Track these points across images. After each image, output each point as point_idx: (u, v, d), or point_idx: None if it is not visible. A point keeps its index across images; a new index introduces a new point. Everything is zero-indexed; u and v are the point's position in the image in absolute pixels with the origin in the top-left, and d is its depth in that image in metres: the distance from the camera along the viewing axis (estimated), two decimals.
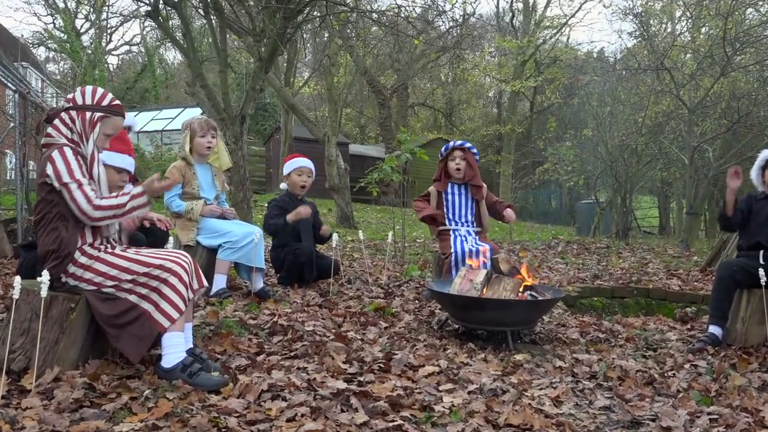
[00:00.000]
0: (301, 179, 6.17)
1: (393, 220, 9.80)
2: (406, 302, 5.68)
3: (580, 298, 6.83)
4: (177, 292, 3.32)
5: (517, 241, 13.38)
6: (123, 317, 3.26)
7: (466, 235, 5.88)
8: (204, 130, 5.51)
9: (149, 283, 3.30)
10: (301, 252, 5.88)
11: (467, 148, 6.09)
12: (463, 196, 6.12)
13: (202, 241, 5.44)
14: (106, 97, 3.41)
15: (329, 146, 14.47)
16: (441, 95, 35.08)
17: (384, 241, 11.25)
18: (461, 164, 6.05)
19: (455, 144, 6.12)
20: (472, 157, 6.11)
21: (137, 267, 3.30)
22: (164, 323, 3.28)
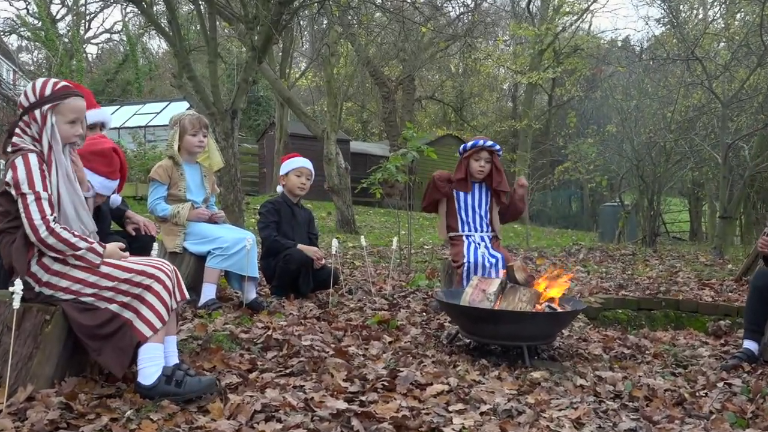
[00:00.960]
0: (300, 181, 6.19)
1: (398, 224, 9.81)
2: (412, 314, 5.68)
3: (603, 310, 6.82)
4: (160, 300, 3.34)
5: (534, 247, 13.38)
6: (104, 328, 3.27)
7: (479, 242, 5.89)
8: (195, 128, 5.53)
9: (131, 290, 3.31)
10: (291, 258, 5.88)
11: (495, 150, 6.10)
12: (479, 198, 6.12)
13: (189, 247, 5.45)
14: (47, 85, 3.35)
15: (328, 143, 14.49)
16: (451, 88, 35.14)
17: (388, 247, 11.26)
18: (486, 167, 6.06)
19: (484, 143, 6.09)
20: (499, 161, 6.14)
21: (118, 273, 3.32)
22: (146, 332, 3.29)
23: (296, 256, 5.88)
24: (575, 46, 28.08)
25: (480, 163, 6.04)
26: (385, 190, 9.94)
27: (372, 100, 33.59)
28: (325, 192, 15.38)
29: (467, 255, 5.68)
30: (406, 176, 8.69)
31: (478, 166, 6.04)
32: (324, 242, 11.89)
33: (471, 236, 5.97)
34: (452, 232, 6.05)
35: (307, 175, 6.23)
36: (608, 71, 24.74)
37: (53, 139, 3.31)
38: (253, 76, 10.21)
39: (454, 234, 6.03)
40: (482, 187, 6.16)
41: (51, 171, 3.28)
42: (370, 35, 20.26)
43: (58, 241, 3.22)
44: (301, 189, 6.21)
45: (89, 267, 3.31)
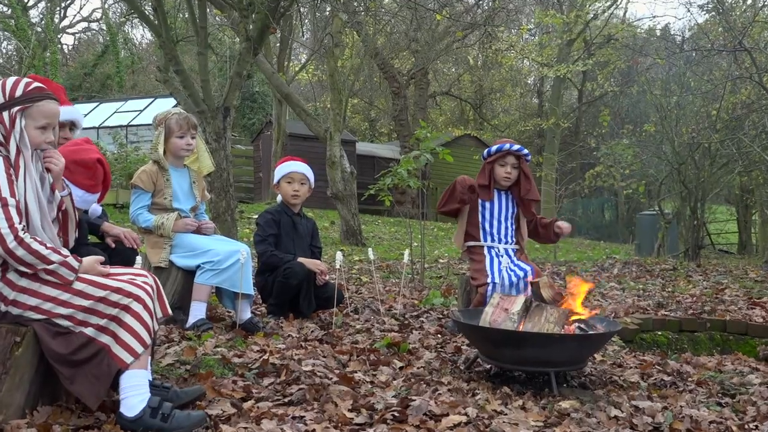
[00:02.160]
0: (291, 188, 6.18)
1: (410, 235, 9.82)
2: (425, 336, 5.67)
3: (641, 332, 6.80)
4: (141, 321, 3.33)
5: (562, 261, 13.36)
6: (78, 354, 3.26)
7: (504, 255, 5.88)
8: (183, 130, 5.53)
9: (107, 311, 3.30)
10: (292, 272, 5.87)
11: (524, 155, 6.09)
12: (504, 208, 6.12)
13: (176, 261, 5.46)
14: (18, 86, 3.34)
15: (332, 145, 14.53)
16: (469, 82, 35.18)
17: (399, 261, 11.26)
18: (512, 174, 6.05)
19: (511, 147, 6.08)
20: (527, 166, 6.13)
21: (93, 290, 3.31)
22: (126, 359, 3.29)
23: (298, 270, 5.88)
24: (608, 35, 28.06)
25: (506, 169, 6.04)
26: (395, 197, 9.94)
27: (381, 97, 33.66)
28: (328, 199, 15.41)
29: (491, 273, 5.66)
30: (418, 181, 8.70)
31: (504, 173, 6.04)
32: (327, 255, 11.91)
33: (493, 248, 5.96)
34: (472, 241, 6.03)
35: (300, 180, 6.21)
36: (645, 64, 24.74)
37: (22, 143, 3.30)
38: (247, 69, 10.26)
39: (473, 243, 6.01)
40: (508, 196, 6.15)
41: (18, 177, 3.27)
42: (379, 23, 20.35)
43: (27, 252, 3.21)
44: (294, 197, 6.20)
45: (61, 284, 3.31)
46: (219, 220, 9.71)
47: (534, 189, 6.10)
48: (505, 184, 6.07)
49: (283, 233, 6.12)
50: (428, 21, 23.45)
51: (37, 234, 3.31)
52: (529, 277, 5.55)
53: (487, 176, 6.08)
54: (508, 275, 5.65)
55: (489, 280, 5.61)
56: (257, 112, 32.54)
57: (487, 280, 5.62)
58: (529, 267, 5.69)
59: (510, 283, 5.62)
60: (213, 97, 10.01)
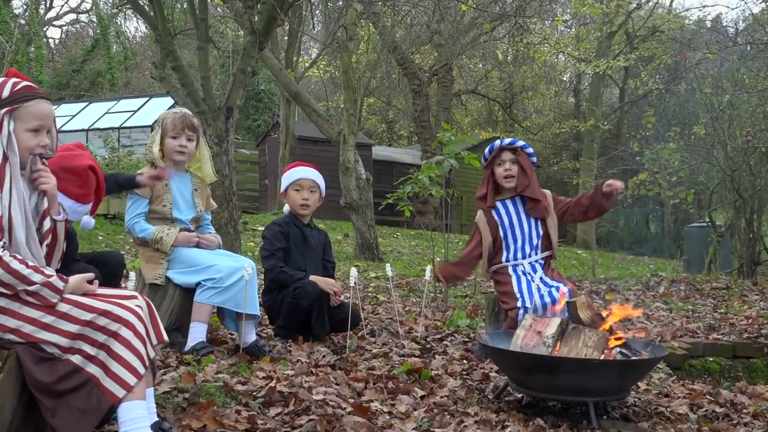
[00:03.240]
0: (300, 197, 6.17)
1: (432, 249, 9.81)
2: (449, 362, 5.67)
3: (690, 357, 6.77)
4: (132, 349, 3.31)
5: (602, 279, 13.31)
6: (62, 383, 3.24)
7: (532, 273, 5.85)
8: (177, 129, 5.53)
9: (94, 336, 3.28)
10: (303, 292, 5.86)
11: (519, 147, 6.07)
12: (521, 213, 6.09)
13: (174, 278, 5.46)
14: (6, 86, 3.33)
15: (345, 149, 14.55)
16: (497, 80, 35.16)
17: (420, 278, 11.25)
18: (512, 169, 6.02)
19: (502, 143, 6.10)
20: (527, 159, 6.05)
21: (78, 313, 3.29)
22: (118, 392, 3.27)
23: (309, 289, 5.86)
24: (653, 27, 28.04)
25: (504, 167, 6.03)
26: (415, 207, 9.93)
27: (400, 96, 33.69)
28: (342, 209, 15.43)
29: (521, 296, 5.63)
30: (441, 190, 8.71)
31: (503, 171, 6.04)
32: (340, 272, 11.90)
33: (518, 266, 5.93)
34: (495, 266, 6.02)
35: (310, 188, 6.20)
36: (695, 58, 24.67)
37: (10, 149, 3.28)
38: (252, 65, 10.30)
39: (497, 267, 6.00)
40: (523, 200, 6.12)
41: (3, 187, 3.25)
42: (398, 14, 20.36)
43: (6, 272, 3.19)
44: (303, 207, 6.19)
45: (45, 305, 3.29)
46: (221, 232, 9.71)
47: (534, 185, 5.99)
48: (508, 185, 6.05)
49: (293, 247, 6.10)
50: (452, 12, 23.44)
51: (20, 251, 3.29)
52: (564, 295, 5.52)
53: (485, 183, 6.12)
54: (540, 297, 5.61)
55: (519, 304, 5.58)
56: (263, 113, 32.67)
57: (518, 303, 5.59)
58: (564, 286, 5.65)
59: (543, 305, 5.58)
60: (214, 96, 10.06)
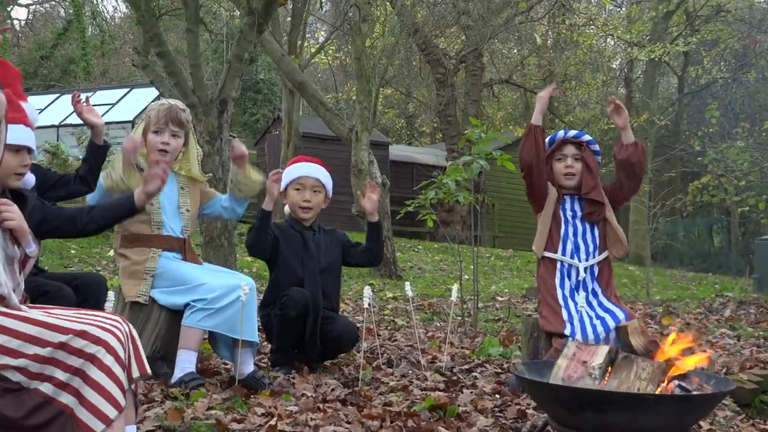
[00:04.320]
0: (301, 197, 6.16)
1: (459, 265, 9.79)
2: (480, 397, 5.66)
3: (761, 392, 6.74)
4: (112, 376, 3.31)
5: (658, 300, 13.29)
6: (32, 418, 3.24)
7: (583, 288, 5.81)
8: (160, 123, 5.52)
9: (68, 361, 3.28)
10: (289, 300, 5.82)
11: (585, 142, 6.02)
12: (578, 217, 6.04)
13: (159, 298, 5.46)
14: None
15: (358, 148, 14.55)
16: (535, 67, 35.14)
17: (445, 299, 11.24)
18: (575, 166, 5.95)
19: (567, 134, 6.05)
20: (593, 157, 6.03)
21: (49, 335, 3.29)
22: (95, 426, 3.27)
23: (297, 296, 5.80)
24: (717, 6, 27.96)
25: (565, 163, 5.94)
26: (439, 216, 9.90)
27: (421, 86, 33.71)
28: (354, 218, 15.43)
29: (570, 324, 5.59)
30: (470, 196, 8.70)
31: (564, 168, 5.94)
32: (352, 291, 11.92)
33: (571, 269, 5.86)
34: (548, 252, 5.95)
35: (313, 186, 6.17)
36: (766, 43, 24.60)
37: None
38: (250, 51, 10.33)
39: (549, 255, 5.93)
40: (581, 202, 6.06)
41: None
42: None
43: None
44: (304, 210, 6.17)
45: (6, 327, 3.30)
46: (213, 245, 9.77)
47: (599, 186, 5.91)
48: (568, 183, 5.95)
49: (287, 250, 6.06)
50: None
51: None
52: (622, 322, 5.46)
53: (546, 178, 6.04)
54: (592, 327, 5.55)
55: (567, 332, 5.53)
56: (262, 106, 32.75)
57: (564, 330, 5.55)
58: (621, 311, 5.60)
59: (595, 336, 5.53)
60: (206, 86, 10.09)
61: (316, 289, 6.04)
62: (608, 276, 5.99)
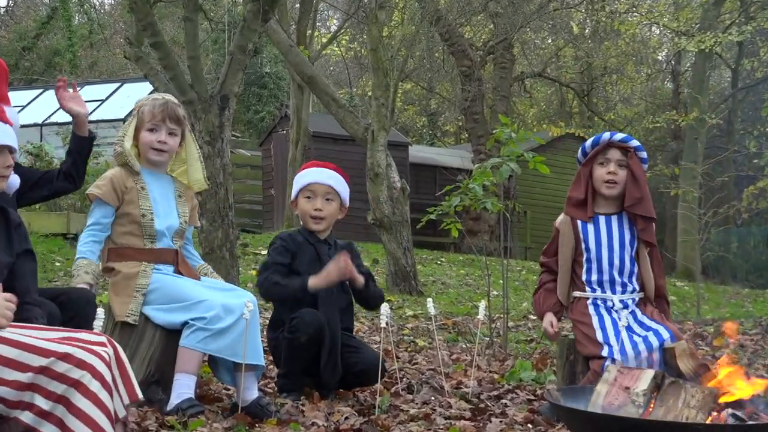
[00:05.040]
0: (312, 206, 6.12)
1: (487, 280, 9.78)
2: (510, 427, 5.66)
3: None
4: (99, 404, 3.32)
5: (708, 319, 13.24)
6: None
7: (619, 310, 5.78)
8: (156, 120, 5.49)
9: (50, 387, 3.29)
10: (300, 323, 5.78)
11: (633, 148, 5.97)
12: (618, 235, 6.00)
13: (153, 316, 5.44)
14: None
15: (374, 149, 14.53)
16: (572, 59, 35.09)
17: (471, 317, 11.23)
18: (619, 174, 5.90)
19: (612, 137, 6.00)
20: (639, 165, 5.97)
21: (29, 357, 3.31)
22: None
23: (309, 319, 5.76)
24: None
25: (608, 169, 5.86)
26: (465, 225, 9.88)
27: (445, 80, 33.70)
28: (370, 228, 15.42)
29: (607, 344, 5.56)
30: (499, 202, 8.70)
31: (606, 174, 5.87)
32: None
33: (605, 301, 5.84)
34: (578, 292, 5.94)
35: (326, 194, 6.11)
36: None
37: None
38: (254, 42, 10.34)
39: (579, 294, 5.92)
40: (621, 218, 6.04)
41: None
42: None
43: None
44: (315, 221, 6.13)
45: None
46: (213, 257, 9.76)
47: (647, 199, 5.81)
48: (609, 191, 5.86)
49: (302, 267, 6.02)
50: None
51: None
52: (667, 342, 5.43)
53: (583, 185, 5.96)
54: (633, 345, 5.51)
55: (605, 353, 5.49)
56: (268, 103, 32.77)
57: (602, 352, 5.50)
58: (665, 329, 5.56)
59: (636, 355, 5.48)
60: (205, 81, 10.11)
61: (333, 311, 5.98)
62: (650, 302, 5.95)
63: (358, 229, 19.58)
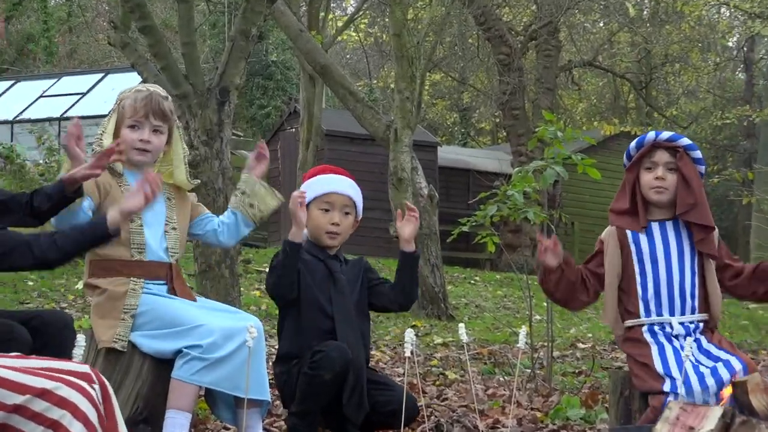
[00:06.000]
0: (327, 219, 6.08)
1: (528, 302, 9.78)
2: None
3: None
4: None
5: None
6: None
7: (681, 337, 5.77)
8: (138, 115, 5.45)
9: (26, 429, 3.31)
10: (324, 359, 5.75)
11: (682, 147, 5.96)
12: (674, 244, 5.99)
13: (142, 343, 5.42)
14: None
15: (398, 150, 14.54)
16: (627, 46, 35.05)
17: (510, 346, 11.23)
18: (666, 178, 5.90)
19: (657, 136, 5.99)
20: (692, 167, 5.94)
21: (3, 394, 3.32)
22: None
23: (335, 355, 5.70)
24: None
25: (656, 173, 5.84)
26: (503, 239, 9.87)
27: (479, 70, 33.69)
28: (392, 241, 15.42)
29: (668, 377, 5.54)
30: (542, 212, 8.69)
31: (653, 179, 5.86)
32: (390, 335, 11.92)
33: (663, 326, 5.82)
34: (630, 320, 5.92)
35: (344, 207, 6.05)
36: None
37: None
38: (258, 25, 10.37)
39: (632, 323, 5.90)
40: (678, 224, 6.02)
41: None
42: None
43: None
44: (331, 236, 6.10)
45: None
46: (211, 275, 9.79)
47: (702, 205, 5.74)
48: (657, 196, 5.86)
49: (314, 284, 5.97)
50: None
51: None
52: (737, 375, 5.40)
53: (629, 194, 5.93)
54: (699, 377, 5.48)
55: (666, 387, 5.47)
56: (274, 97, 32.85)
57: (663, 387, 5.48)
58: (737, 360, 5.54)
59: (703, 389, 5.45)
60: (202, 71, 10.13)
61: (356, 339, 5.89)
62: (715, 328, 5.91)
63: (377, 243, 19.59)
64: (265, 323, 6.32)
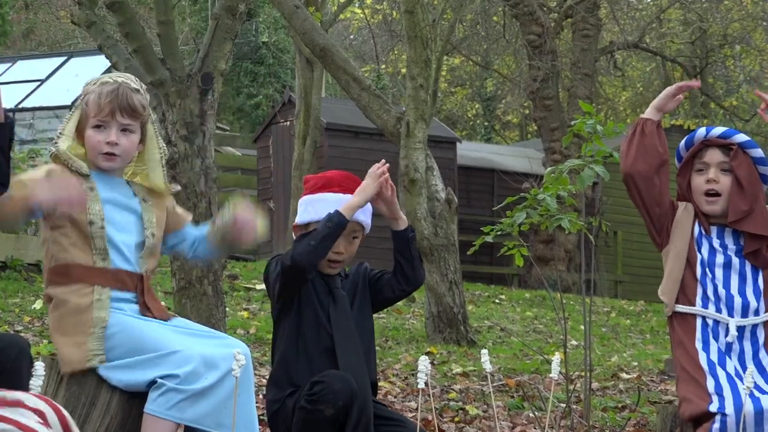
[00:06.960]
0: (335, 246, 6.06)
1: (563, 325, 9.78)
2: None
3: None
4: None
5: None
6: None
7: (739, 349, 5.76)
8: (104, 113, 5.39)
9: None
10: (327, 393, 5.75)
11: (738, 144, 5.95)
12: (732, 254, 5.99)
13: (110, 375, 5.40)
14: None
15: (410, 147, 14.56)
16: (679, 25, 35.06)
17: (542, 376, 11.23)
18: (722, 181, 5.89)
19: (708, 132, 5.99)
20: (749, 167, 5.93)
21: None
22: None
23: (338, 387, 5.70)
24: None
25: (708, 176, 5.84)
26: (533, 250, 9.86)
27: (506, 54, 33.75)
28: None
29: (719, 395, 5.55)
30: (579, 220, 8.69)
31: (704, 183, 5.86)
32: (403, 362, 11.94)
33: (718, 325, 5.81)
34: (682, 306, 5.88)
35: (352, 232, 6.03)
36: None
37: None
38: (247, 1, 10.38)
39: (684, 309, 5.87)
40: (736, 235, 6.02)
41: None
42: None
43: None
44: (333, 264, 6.06)
45: None
46: (191, 292, 9.79)
47: (760, 212, 5.73)
48: (711, 207, 5.80)
49: (314, 303, 6.02)
50: None
51: None
52: None
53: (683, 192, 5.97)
54: (754, 401, 5.47)
55: (713, 408, 5.45)
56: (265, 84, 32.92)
57: (710, 407, 5.46)
58: None
59: (758, 411, 5.43)
60: (181, 54, 10.14)
61: (359, 365, 5.90)
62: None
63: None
64: (253, 349, 6.30)
